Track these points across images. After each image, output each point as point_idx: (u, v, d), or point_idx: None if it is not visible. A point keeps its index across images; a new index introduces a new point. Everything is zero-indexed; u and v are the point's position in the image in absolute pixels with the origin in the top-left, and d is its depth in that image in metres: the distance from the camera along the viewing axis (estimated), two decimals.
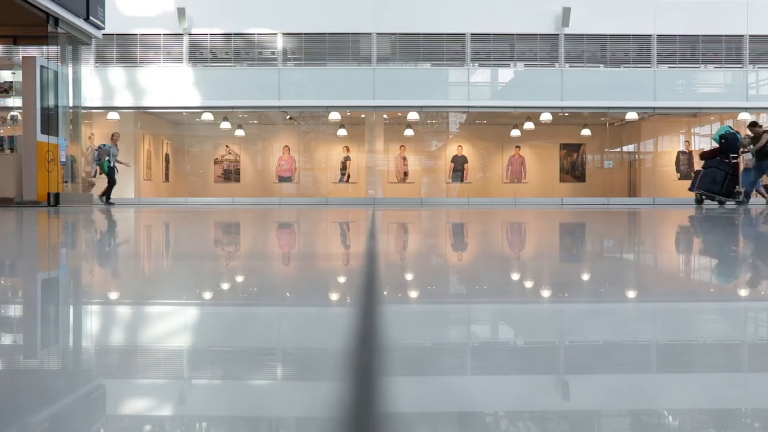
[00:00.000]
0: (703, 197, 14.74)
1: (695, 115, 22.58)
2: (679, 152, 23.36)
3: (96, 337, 1.32)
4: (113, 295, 1.83)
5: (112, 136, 18.52)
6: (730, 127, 15.12)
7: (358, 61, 20.71)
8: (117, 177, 18.16)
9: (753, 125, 15.34)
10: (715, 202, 14.82)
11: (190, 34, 20.42)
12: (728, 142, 14.60)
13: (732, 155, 14.53)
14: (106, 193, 17.84)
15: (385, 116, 22.34)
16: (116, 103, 20.71)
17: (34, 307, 1.61)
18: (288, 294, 1.85)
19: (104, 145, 18.02)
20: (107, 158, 17.74)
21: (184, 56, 20.46)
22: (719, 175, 14.53)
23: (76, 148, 14.82)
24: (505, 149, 24.01)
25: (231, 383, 0.95)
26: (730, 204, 14.64)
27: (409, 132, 22.41)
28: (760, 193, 15.93)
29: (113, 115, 21.19)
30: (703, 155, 15.22)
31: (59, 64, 13.38)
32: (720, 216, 8.19)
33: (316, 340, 1.20)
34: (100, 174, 17.99)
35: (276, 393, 0.93)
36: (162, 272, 2.46)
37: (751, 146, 14.91)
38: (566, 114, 21.87)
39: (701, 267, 2.77)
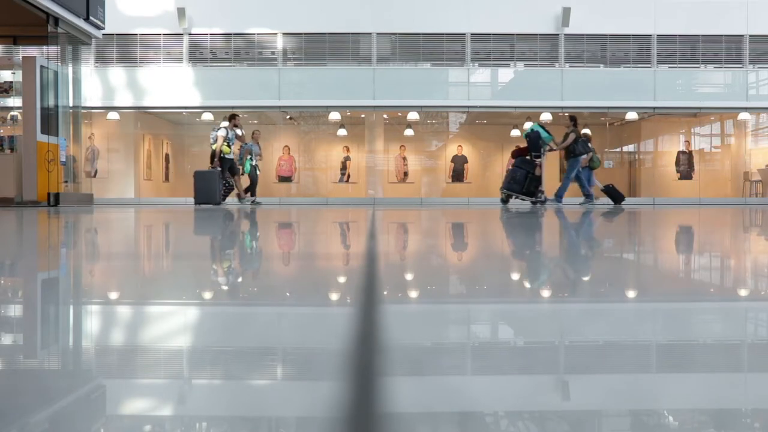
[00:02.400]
0: (509, 197, 14.41)
1: (695, 115, 22.58)
2: (679, 152, 23.36)
3: (96, 337, 1.32)
4: (113, 295, 1.83)
5: (253, 134, 17.61)
6: (539, 125, 14.78)
7: (358, 61, 20.71)
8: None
9: (570, 119, 15.31)
10: (527, 202, 14.46)
11: (190, 34, 20.42)
12: (530, 141, 14.37)
13: (534, 154, 14.27)
14: (252, 193, 16.83)
15: (385, 116, 22.34)
16: (116, 103, 20.71)
17: (34, 307, 1.61)
18: (288, 294, 1.85)
19: (246, 143, 16.98)
20: (249, 157, 16.90)
21: (184, 56, 20.46)
22: (519, 174, 14.27)
23: (77, 148, 14.82)
24: (505, 149, 24.00)
25: (231, 383, 0.95)
26: (537, 202, 14.25)
27: (409, 132, 22.40)
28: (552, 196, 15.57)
29: (113, 115, 21.19)
30: (513, 153, 14.95)
31: (59, 64, 13.38)
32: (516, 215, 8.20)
33: (316, 340, 1.20)
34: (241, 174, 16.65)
35: (276, 393, 0.93)
36: (162, 272, 2.46)
37: (555, 145, 14.80)
38: (566, 114, 21.86)
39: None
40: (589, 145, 16.55)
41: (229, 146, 15.40)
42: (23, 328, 1.39)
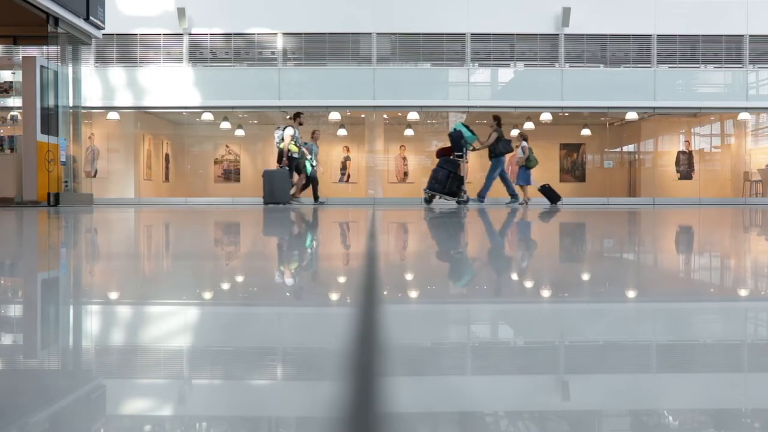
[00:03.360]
0: (432, 197, 14.28)
1: (695, 115, 22.58)
2: (679, 152, 23.36)
3: (96, 337, 1.32)
4: (113, 295, 1.83)
5: (313, 133, 17.37)
6: (463, 124, 14.61)
7: (358, 61, 20.71)
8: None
9: (495, 119, 15.24)
10: (453, 201, 14.33)
11: (190, 34, 20.41)
12: (453, 141, 14.24)
13: (457, 153, 14.19)
14: (315, 193, 16.52)
15: (385, 116, 22.34)
16: (116, 103, 20.70)
17: (34, 307, 1.61)
18: (288, 294, 1.85)
19: (306, 143, 16.67)
20: (309, 157, 16.53)
21: (184, 56, 20.46)
22: (441, 174, 14.12)
23: (77, 148, 14.82)
24: None
25: (231, 383, 0.95)
26: (460, 202, 14.14)
27: (409, 132, 22.40)
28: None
29: (113, 115, 21.19)
30: (437, 153, 14.78)
31: (59, 64, 13.38)
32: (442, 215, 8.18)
33: (316, 340, 1.20)
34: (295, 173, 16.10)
35: (276, 393, 0.93)
36: (162, 272, 2.46)
37: (478, 145, 14.61)
38: (566, 114, 21.87)
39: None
40: (526, 144, 16.56)
41: (296, 145, 15.27)
42: (23, 328, 1.39)
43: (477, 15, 20.25)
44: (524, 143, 16.73)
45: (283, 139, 15.21)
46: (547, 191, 16.87)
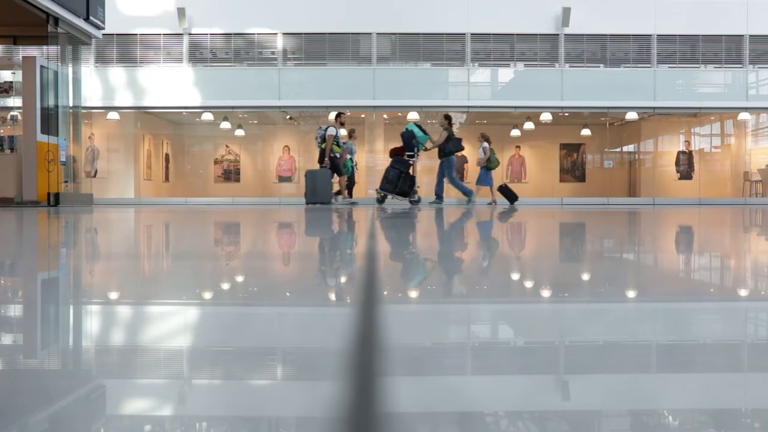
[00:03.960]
0: (385, 197, 14.19)
1: (695, 115, 22.57)
2: (679, 152, 23.36)
3: (96, 337, 1.32)
4: (113, 295, 1.83)
5: (351, 133, 17.30)
6: (415, 124, 14.54)
7: (358, 61, 20.70)
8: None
9: (445, 118, 15.03)
10: (406, 201, 14.21)
11: (190, 34, 20.41)
12: (404, 140, 14.16)
13: (408, 153, 14.10)
14: (348, 192, 16.36)
15: (385, 116, 22.33)
16: (116, 103, 20.70)
17: (34, 307, 1.61)
18: (288, 294, 1.85)
19: (346, 142, 16.57)
20: (349, 156, 16.48)
21: (184, 56, 20.45)
22: (392, 174, 14.04)
23: (77, 148, 14.82)
24: (505, 149, 24.00)
25: (231, 383, 0.95)
26: (412, 201, 14.03)
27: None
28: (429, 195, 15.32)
29: (113, 115, 21.19)
30: (390, 153, 14.68)
31: (59, 64, 13.38)
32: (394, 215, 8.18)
33: (316, 340, 1.20)
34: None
35: (276, 393, 0.93)
36: (161, 272, 2.46)
37: (430, 144, 14.52)
38: (566, 114, 21.87)
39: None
40: (487, 145, 16.53)
41: (338, 145, 15.22)
42: (23, 328, 1.39)
43: (477, 15, 20.25)
44: (485, 144, 16.71)
45: (324, 140, 15.10)
46: (505, 191, 16.91)
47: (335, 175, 15.21)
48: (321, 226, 5.87)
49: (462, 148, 15.06)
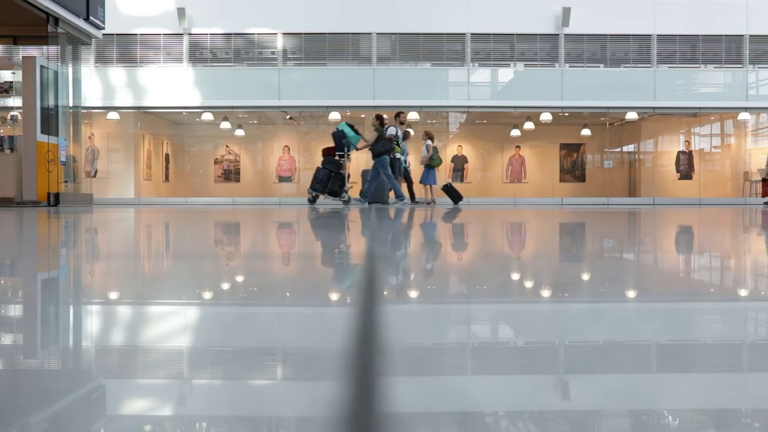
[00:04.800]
0: (316, 197, 14.14)
1: (695, 115, 22.58)
2: (679, 152, 23.36)
3: (96, 337, 1.32)
4: (113, 295, 1.83)
5: (406, 135, 16.80)
6: (347, 124, 14.50)
7: (358, 61, 20.71)
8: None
9: (376, 118, 14.97)
10: (339, 201, 14.17)
11: (190, 34, 20.42)
12: (334, 140, 14.11)
13: (338, 153, 14.01)
14: (411, 194, 15.90)
15: (385, 116, 22.31)
16: (116, 103, 20.71)
17: (34, 307, 1.61)
18: (288, 294, 1.85)
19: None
20: (402, 157, 16.01)
21: (184, 56, 20.46)
22: (322, 174, 14.00)
23: (77, 148, 14.82)
24: (505, 149, 24.01)
25: (231, 383, 0.95)
26: (344, 201, 13.97)
27: (409, 132, 22.38)
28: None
29: (113, 115, 21.19)
30: (322, 152, 14.61)
31: (59, 64, 13.38)
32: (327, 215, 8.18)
33: (316, 340, 1.20)
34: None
35: (276, 393, 0.93)
36: (161, 272, 2.46)
37: (362, 144, 14.48)
38: (566, 114, 21.87)
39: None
40: (430, 143, 16.52)
41: (398, 145, 15.14)
42: (23, 328, 1.39)
43: (477, 15, 20.25)
44: (428, 142, 16.68)
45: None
46: (449, 190, 16.94)
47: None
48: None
49: (392, 148, 14.96)
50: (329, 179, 13.93)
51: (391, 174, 14.74)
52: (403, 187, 15.36)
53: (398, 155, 15.16)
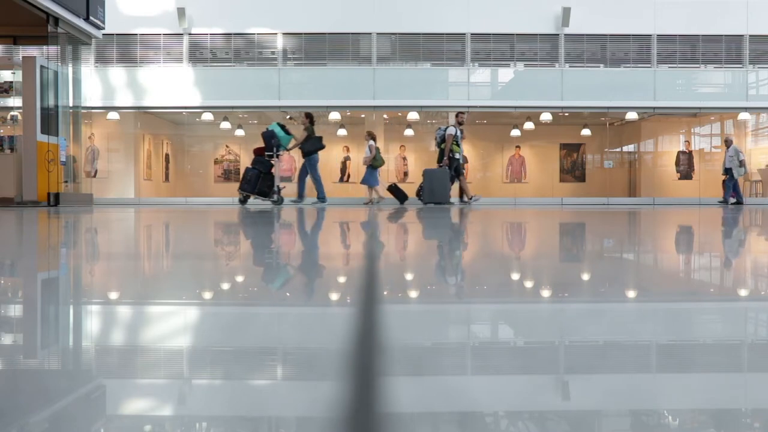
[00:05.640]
0: (247, 197, 14.08)
1: (695, 115, 22.58)
2: (679, 152, 23.36)
3: (96, 337, 1.32)
4: (113, 295, 1.83)
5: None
6: (278, 124, 14.40)
7: (358, 61, 20.71)
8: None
9: (306, 117, 14.93)
10: (268, 201, 14.12)
11: (190, 34, 20.41)
12: (264, 140, 14.06)
13: (267, 153, 13.94)
14: (461, 191, 15.86)
15: (385, 116, 22.33)
16: (116, 103, 20.70)
17: (34, 307, 1.61)
18: (288, 294, 1.85)
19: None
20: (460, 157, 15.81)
21: (184, 56, 20.46)
22: (251, 174, 13.92)
23: (77, 148, 14.82)
24: (505, 149, 24.01)
25: (231, 383, 0.95)
26: (273, 202, 13.93)
27: (409, 132, 22.40)
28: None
29: (113, 115, 21.19)
30: (254, 152, 14.52)
31: (59, 64, 13.38)
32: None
33: (316, 340, 1.20)
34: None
35: (276, 393, 0.93)
36: (162, 272, 2.46)
37: (292, 144, 14.46)
38: (566, 114, 21.87)
39: None
40: (373, 143, 16.53)
41: (458, 144, 15.04)
42: (23, 328, 1.39)
43: (477, 15, 20.25)
44: (371, 142, 16.69)
45: (444, 140, 14.97)
46: (394, 190, 17.00)
47: (456, 175, 14.98)
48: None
49: (322, 147, 14.94)
50: (258, 179, 13.85)
51: (319, 176, 14.88)
52: (455, 187, 15.33)
53: (457, 155, 15.08)
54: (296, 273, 2.37)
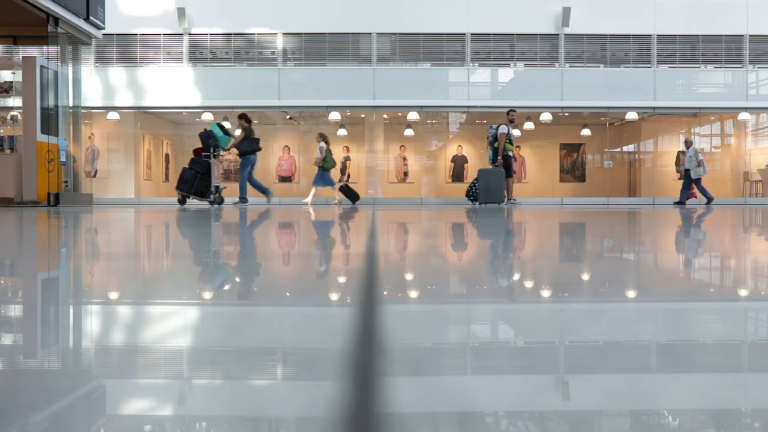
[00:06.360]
0: (185, 197, 14.01)
1: (695, 115, 22.58)
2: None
3: (96, 337, 1.32)
4: (113, 295, 1.83)
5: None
6: (216, 124, 14.37)
7: (358, 61, 20.71)
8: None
9: (241, 118, 14.88)
10: (206, 202, 14.07)
11: (190, 34, 20.41)
12: (201, 140, 14.03)
13: (204, 153, 13.87)
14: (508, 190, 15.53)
15: (385, 116, 22.33)
16: (116, 103, 20.70)
17: (34, 307, 1.61)
18: (288, 294, 1.85)
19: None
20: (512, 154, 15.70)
21: (184, 56, 20.46)
22: (188, 174, 13.85)
23: (77, 148, 14.81)
24: None
25: (231, 383, 0.95)
26: (210, 202, 13.87)
27: (409, 132, 22.40)
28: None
29: (113, 115, 21.19)
30: (193, 152, 14.42)
31: (59, 64, 13.38)
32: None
33: (316, 340, 1.20)
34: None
35: (276, 393, 0.93)
36: (162, 272, 2.46)
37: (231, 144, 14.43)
38: (566, 114, 21.87)
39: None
40: (324, 145, 16.58)
41: (510, 143, 14.94)
42: (23, 328, 1.39)
43: (477, 15, 20.25)
44: (322, 144, 16.73)
45: (496, 138, 14.92)
46: (346, 190, 17.15)
47: (507, 176, 14.92)
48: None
49: (258, 149, 14.97)
50: (195, 179, 13.81)
51: (246, 177, 14.89)
52: (509, 183, 15.22)
53: (510, 153, 15.02)
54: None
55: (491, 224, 6.20)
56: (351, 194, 17.07)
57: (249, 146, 14.69)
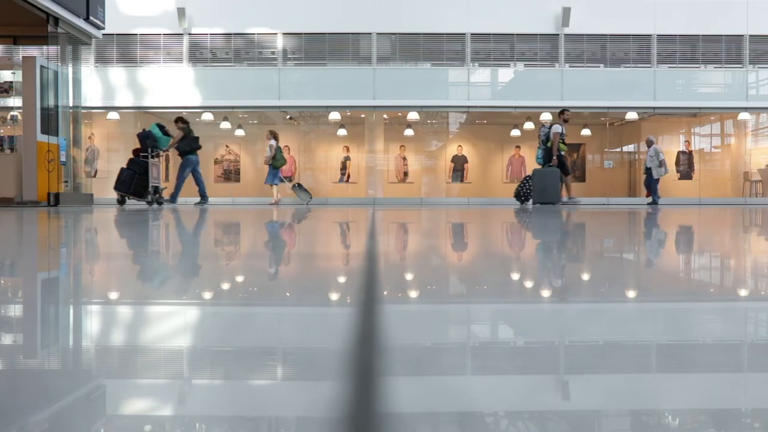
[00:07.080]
0: (124, 197, 13.98)
1: (695, 115, 22.58)
2: (679, 152, 23.36)
3: (96, 337, 1.32)
4: (113, 295, 1.83)
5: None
6: (157, 125, 14.35)
7: (358, 61, 20.71)
8: None
9: (178, 121, 14.90)
10: (143, 202, 14.06)
11: (190, 34, 20.42)
12: (139, 140, 14.00)
13: (143, 154, 13.85)
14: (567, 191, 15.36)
15: (385, 116, 22.33)
16: (116, 103, 20.71)
17: (34, 307, 1.61)
18: (288, 294, 1.85)
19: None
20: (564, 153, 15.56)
21: (184, 56, 20.46)
22: (125, 175, 13.82)
23: (77, 148, 14.81)
24: (505, 149, 24.00)
25: (231, 383, 0.95)
26: (149, 202, 13.90)
27: (409, 132, 22.40)
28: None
29: (113, 115, 21.19)
30: (133, 152, 14.38)
31: (59, 64, 13.37)
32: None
33: (316, 340, 1.20)
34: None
35: (276, 393, 0.93)
36: (162, 272, 2.46)
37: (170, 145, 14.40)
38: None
39: None
40: (274, 143, 16.66)
41: (563, 142, 14.82)
42: (23, 328, 1.39)
43: (477, 15, 20.25)
44: (272, 142, 16.77)
45: (548, 138, 14.81)
46: (298, 190, 17.43)
47: (564, 174, 14.81)
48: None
49: (198, 147, 15.04)
50: (132, 180, 13.76)
51: (184, 177, 14.93)
52: (567, 181, 15.08)
53: (562, 152, 14.96)
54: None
55: (544, 226, 6.20)
56: (304, 193, 17.27)
57: (188, 145, 14.77)
